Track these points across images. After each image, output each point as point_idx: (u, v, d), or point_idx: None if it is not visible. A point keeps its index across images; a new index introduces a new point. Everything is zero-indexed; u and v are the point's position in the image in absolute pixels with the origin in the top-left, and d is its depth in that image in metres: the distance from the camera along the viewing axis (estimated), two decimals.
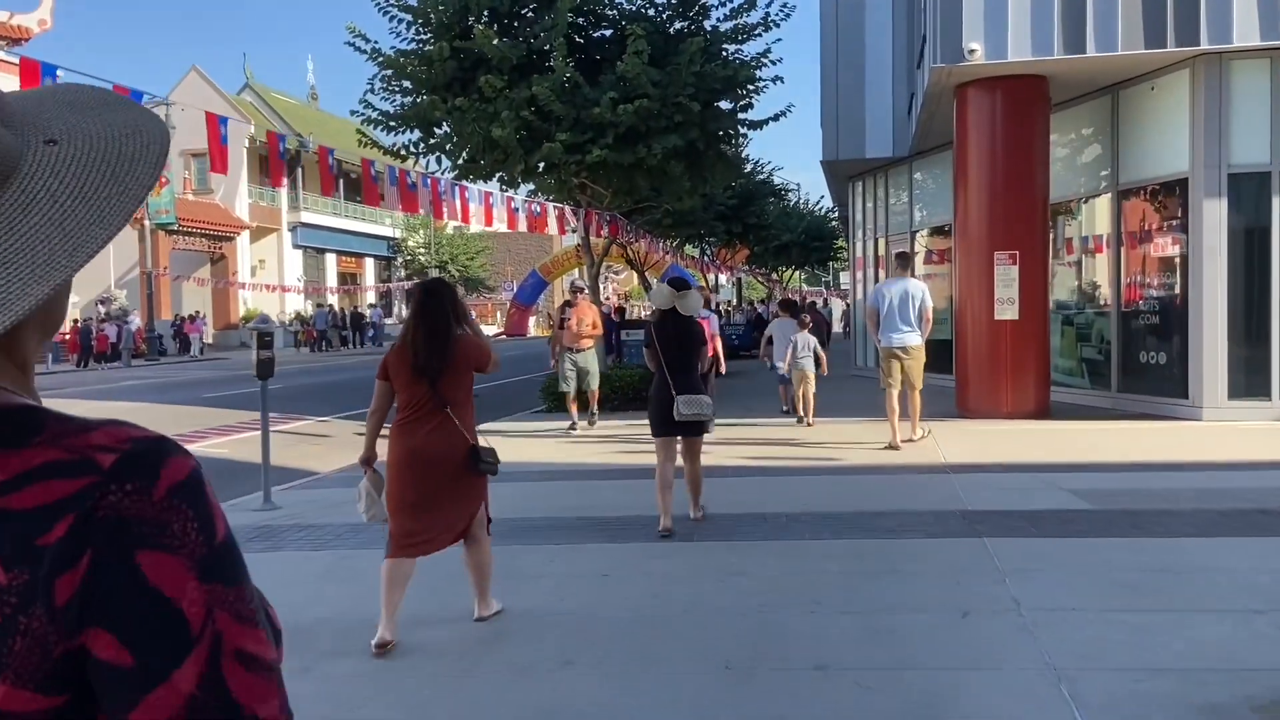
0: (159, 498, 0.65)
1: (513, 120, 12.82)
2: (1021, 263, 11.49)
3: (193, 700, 0.63)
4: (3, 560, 0.62)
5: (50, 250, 0.65)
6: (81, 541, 0.63)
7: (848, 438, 10.30)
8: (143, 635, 0.63)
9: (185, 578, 0.65)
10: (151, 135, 0.74)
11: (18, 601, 0.62)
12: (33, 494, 0.64)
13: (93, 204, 0.68)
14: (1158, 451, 8.85)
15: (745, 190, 25.61)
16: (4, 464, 0.65)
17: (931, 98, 12.42)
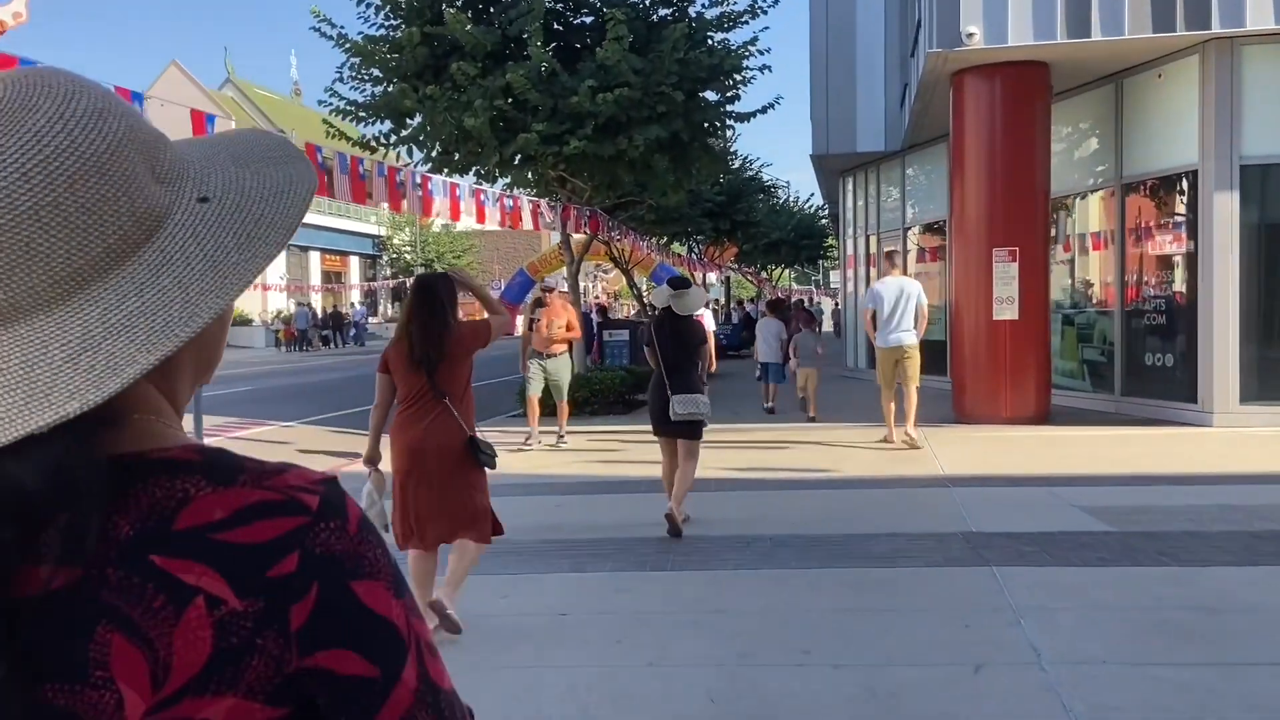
0: (353, 533, 0.74)
1: (486, 110, 12.17)
2: (1021, 260, 10.89)
3: (418, 692, 0.74)
4: (234, 589, 0.69)
5: (169, 317, 0.68)
6: (308, 574, 0.71)
7: (840, 443, 9.69)
8: (377, 649, 0.73)
9: (389, 597, 0.74)
10: (295, 198, 0.77)
11: (253, 625, 0.69)
12: (254, 530, 0.70)
13: (220, 270, 0.71)
14: (1170, 461, 8.26)
15: (733, 186, 24.99)
16: (221, 502, 0.71)
17: (926, 87, 11.82)
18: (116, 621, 0.67)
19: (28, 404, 0.64)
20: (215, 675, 0.68)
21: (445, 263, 49.63)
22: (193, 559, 0.68)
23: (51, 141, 0.66)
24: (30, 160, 0.65)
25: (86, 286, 0.68)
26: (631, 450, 9.75)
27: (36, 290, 0.66)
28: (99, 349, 0.66)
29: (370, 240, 50.55)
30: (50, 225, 0.65)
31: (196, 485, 0.71)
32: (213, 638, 0.68)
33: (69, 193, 0.66)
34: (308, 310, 38.16)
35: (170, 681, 0.67)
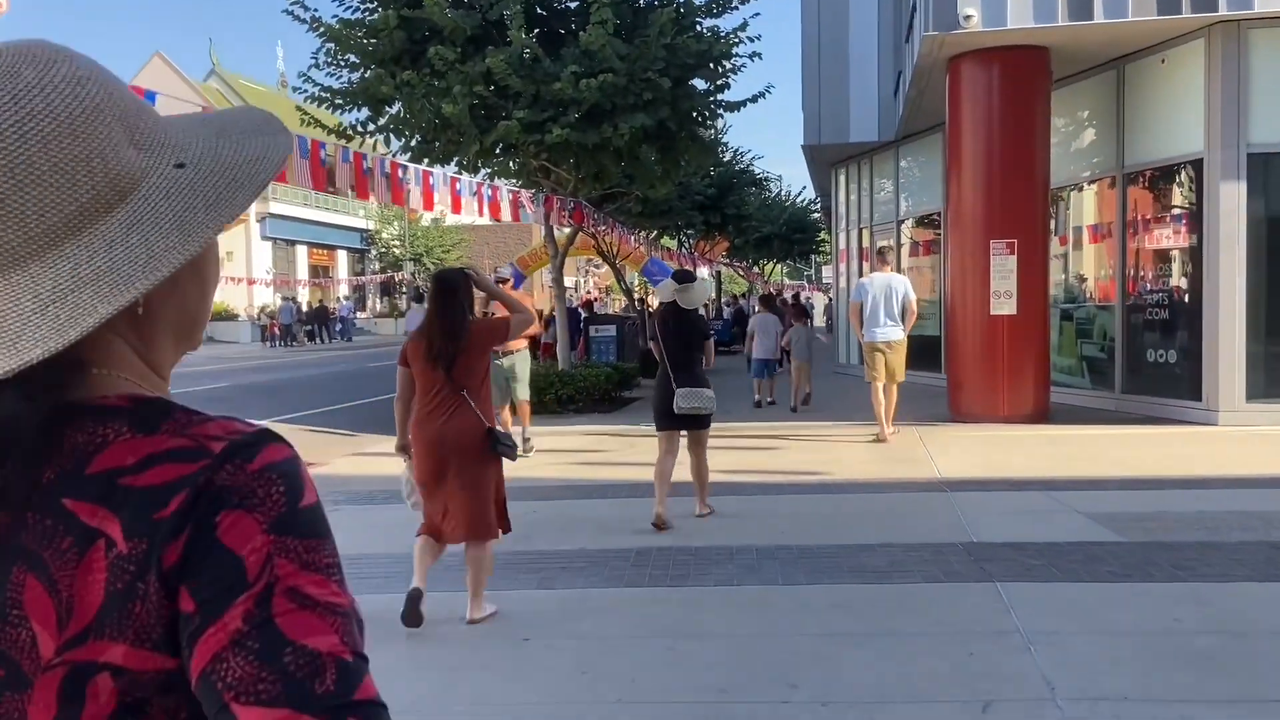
0: (253, 470, 0.71)
1: (465, 97, 11.73)
2: (1020, 252, 10.49)
3: (237, 634, 0.67)
4: (125, 531, 0.69)
5: (131, 271, 0.71)
6: (187, 513, 0.70)
7: (831, 441, 9.29)
8: (206, 584, 0.69)
9: (254, 532, 0.70)
10: (266, 163, 0.79)
11: (135, 569, 0.69)
12: (155, 474, 0.71)
13: (186, 228, 0.73)
14: (1177, 462, 7.86)
15: (724, 179, 24.56)
16: (135, 448, 0.72)
17: (921, 73, 11.40)
18: (29, 562, 0.70)
19: (78, 298, 0.69)
20: (108, 619, 0.69)
21: (434, 258, 49.12)
22: (97, 502, 0.70)
23: (28, 104, 0.69)
24: (5, 121, 0.68)
25: (60, 244, 0.71)
26: (615, 451, 9.33)
27: (11, 245, 0.70)
28: (65, 300, 0.69)
29: (359, 234, 49.99)
30: (24, 183, 0.69)
31: (117, 431, 0.73)
32: (105, 580, 0.69)
33: (42, 153, 0.69)
34: (292, 305, 37.62)
35: (73, 622, 0.69)
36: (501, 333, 4.48)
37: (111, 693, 0.69)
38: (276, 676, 0.66)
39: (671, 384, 6.11)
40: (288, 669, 0.66)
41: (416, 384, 4.38)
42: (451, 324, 4.24)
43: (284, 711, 0.65)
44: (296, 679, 0.66)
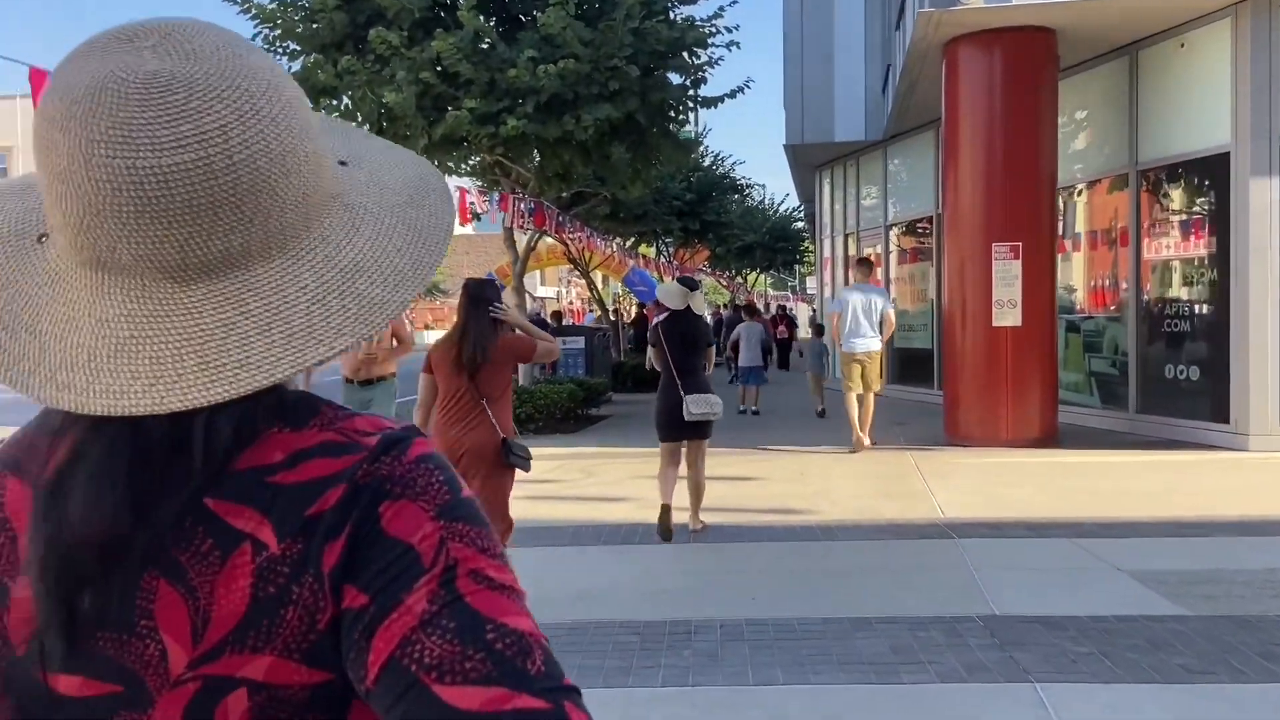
0: (409, 461, 0.69)
1: (411, 84, 10.59)
2: (1025, 256, 9.42)
3: (426, 615, 0.62)
4: (276, 533, 0.65)
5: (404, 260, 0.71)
6: (348, 509, 0.66)
7: (818, 464, 8.15)
8: (376, 576, 0.64)
9: (422, 519, 0.66)
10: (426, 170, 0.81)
11: (289, 572, 0.64)
12: (307, 469, 0.67)
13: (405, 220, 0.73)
14: (1217, 499, 6.77)
15: (703, 184, 23.46)
16: (284, 443, 0.68)
17: (914, 59, 10.33)
18: (163, 567, 0.65)
19: (290, 346, 0.64)
20: (253, 629, 0.64)
21: None
22: (244, 502, 0.66)
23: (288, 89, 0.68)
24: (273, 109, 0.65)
25: (301, 233, 0.68)
26: (569, 482, 8.17)
27: (270, 235, 0.66)
28: (337, 295, 0.67)
29: None
30: (285, 164, 0.66)
31: (263, 426, 0.69)
32: (251, 587, 0.64)
33: (304, 142, 0.68)
34: None
35: (210, 632, 0.64)
36: (526, 351, 4.55)
37: (244, 712, 0.64)
38: (484, 655, 0.61)
39: (679, 391, 5.99)
40: (493, 647, 0.61)
41: (439, 390, 4.42)
42: (481, 333, 4.29)
43: (499, 690, 0.59)
44: (505, 657, 0.61)
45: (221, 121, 0.63)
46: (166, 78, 0.62)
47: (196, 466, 0.66)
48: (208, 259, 0.64)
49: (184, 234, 0.63)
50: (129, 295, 0.64)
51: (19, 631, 0.66)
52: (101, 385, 0.63)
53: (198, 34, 0.66)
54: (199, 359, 0.63)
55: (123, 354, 0.64)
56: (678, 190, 21.44)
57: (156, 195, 0.62)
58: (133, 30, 0.65)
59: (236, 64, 0.65)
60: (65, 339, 0.65)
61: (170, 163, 0.61)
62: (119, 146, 0.61)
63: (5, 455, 0.72)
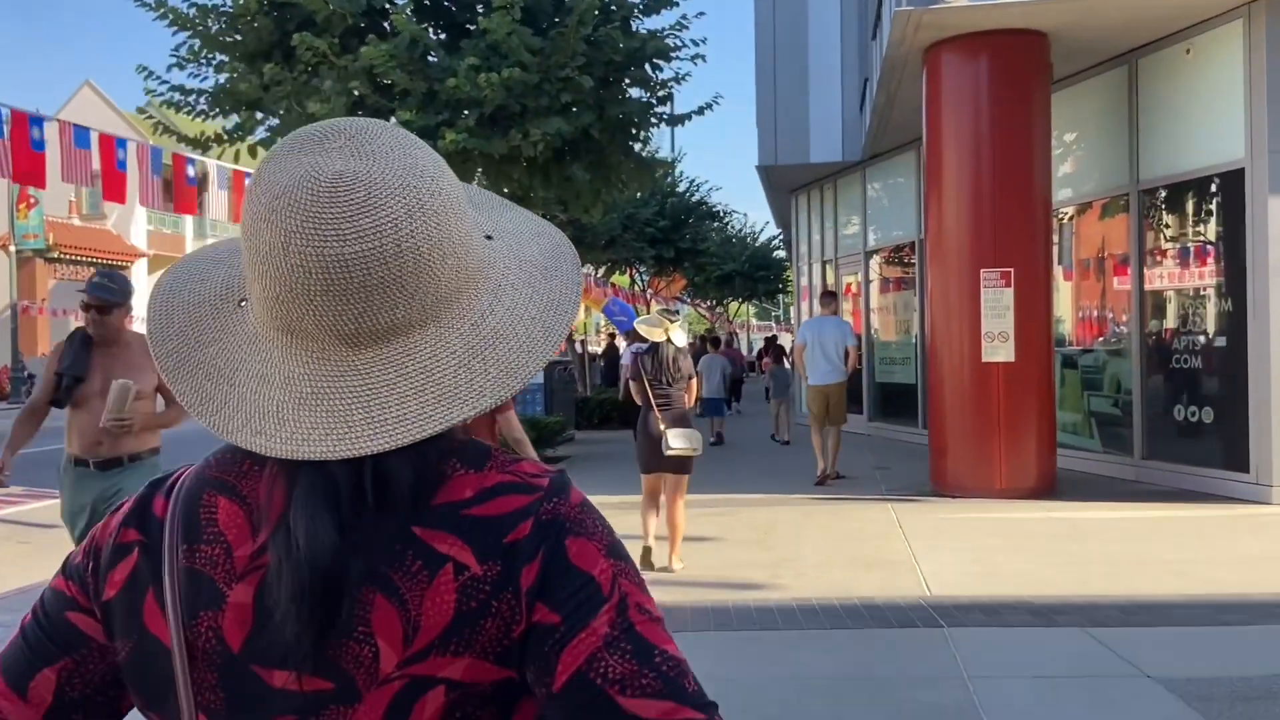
0: (575, 504, 0.82)
1: (340, 94, 9.59)
2: (1017, 284, 8.44)
3: (609, 638, 0.75)
4: (477, 555, 0.77)
5: (535, 329, 0.83)
6: (539, 539, 0.78)
7: (784, 530, 7.08)
8: (567, 599, 0.77)
9: (598, 556, 0.79)
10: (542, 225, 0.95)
11: (490, 589, 0.77)
12: (497, 505, 0.80)
13: (535, 289, 0.85)
14: (1251, 569, 5.75)
15: (677, 210, 22.53)
16: (470, 483, 0.81)
17: (892, 67, 9.40)
18: (379, 583, 0.77)
19: (440, 404, 0.77)
20: (456, 635, 0.76)
21: None
22: (446, 530, 0.78)
23: (445, 179, 0.81)
24: (436, 201, 0.79)
25: (452, 304, 0.80)
26: None
27: (428, 307, 0.79)
28: (480, 359, 0.80)
29: None
30: (443, 248, 0.79)
31: (453, 467, 0.81)
32: (455, 600, 0.76)
33: (458, 226, 0.81)
34: None
35: (419, 638, 0.76)
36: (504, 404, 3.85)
37: (440, 708, 0.76)
38: (655, 675, 0.74)
39: (659, 425, 5.97)
40: (661, 669, 0.75)
41: None
42: None
43: (669, 704, 0.73)
44: (670, 677, 0.75)
45: (394, 216, 0.76)
46: (350, 177, 0.76)
47: (400, 501, 0.79)
48: (376, 328, 0.78)
49: (359, 308, 0.77)
50: (312, 357, 0.79)
51: (235, 632, 0.79)
52: (286, 433, 0.77)
53: (377, 135, 0.80)
54: (365, 414, 0.77)
55: (304, 408, 0.78)
56: (649, 216, 20.47)
57: (339, 277, 0.76)
58: (324, 131, 0.80)
59: (407, 163, 0.79)
60: (259, 392, 0.79)
61: (352, 251, 0.75)
62: (311, 237, 0.75)
63: (211, 477, 0.84)
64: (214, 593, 0.79)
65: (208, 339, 0.82)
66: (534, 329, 0.82)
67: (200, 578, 0.80)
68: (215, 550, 0.80)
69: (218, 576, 0.79)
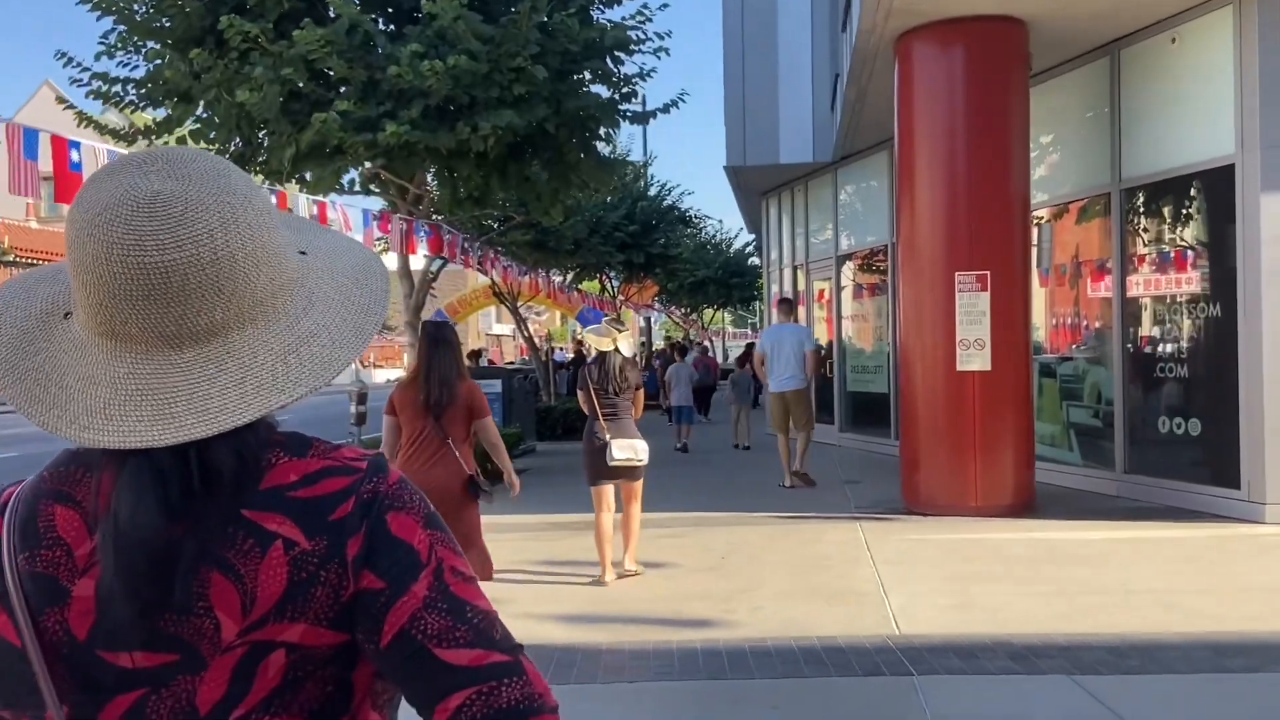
0: (393, 482, 0.93)
1: (273, 82, 8.94)
2: (994, 288, 7.90)
3: (427, 599, 0.88)
4: (305, 531, 0.88)
5: (345, 329, 0.94)
6: (362, 514, 0.90)
7: (744, 554, 6.49)
8: (390, 566, 0.89)
9: (416, 527, 0.91)
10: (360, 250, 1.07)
11: (318, 561, 0.87)
12: (321, 486, 0.90)
13: (348, 298, 0.97)
14: (1251, 601, 5.21)
15: (647, 214, 21.91)
16: (294, 469, 0.91)
17: (863, 59, 8.86)
18: (214, 561, 0.86)
19: (258, 393, 0.87)
20: (290, 604, 0.86)
21: None
22: (274, 511, 0.88)
23: (259, 198, 0.92)
24: (251, 214, 0.89)
25: (268, 313, 0.90)
26: None
27: (243, 310, 0.88)
28: (300, 352, 0.90)
29: None
30: (256, 258, 0.89)
31: (278, 456, 0.91)
32: (288, 573, 0.86)
33: (271, 240, 0.91)
34: None
35: (256, 609, 0.85)
36: (483, 406, 4.63)
37: (281, 667, 0.87)
38: (468, 628, 0.88)
39: (604, 435, 5.95)
40: (472, 622, 0.88)
41: (404, 431, 4.53)
42: (445, 375, 4.48)
43: (478, 651, 0.87)
44: (481, 629, 0.88)
45: (209, 228, 0.86)
46: (168, 195, 0.86)
47: (226, 485, 0.87)
48: (197, 329, 0.87)
49: (179, 311, 0.86)
50: (136, 358, 0.87)
51: (80, 623, 0.87)
52: (113, 427, 0.85)
53: (192, 160, 0.90)
54: (188, 405, 0.85)
55: (131, 403, 0.86)
56: (618, 220, 19.87)
57: (159, 283, 0.85)
58: (143, 157, 0.90)
59: (221, 183, 0.88)
60: (86, 391, 0.87)
61: (170, 259, 0.84)
62: (132, 248, 0.84)
63: (48, 489, 0.92)
64: (58, 590, 0.87)
65: (35, 348, 0.91)
66: (345, 329, 0.94)
67: (43, 579, 0.87)
68: (56, 553, 0.88)
69: (60, 575, 0.87)
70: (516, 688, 0.86)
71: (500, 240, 15.04)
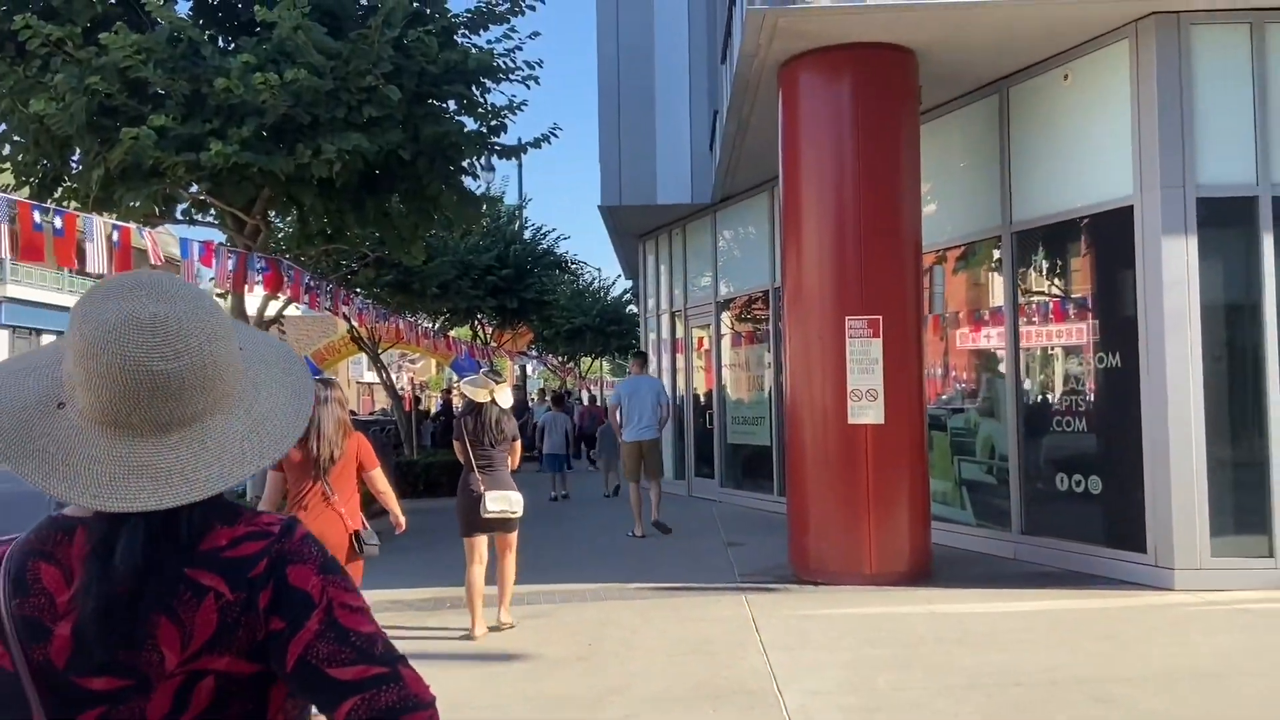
0: (297, 539, 1.19)
1: (79, 93, 7.73)
2: (887, 335, 7.29)
3: (318, 632, 1.12)
4: (230, 586, 1.12)
5: (285, 416, 1.22)
6: (270, 572, 1.15)
7: (615, 638, 5.56)
8: (289, 609, 1.13)
9: (310, 575, 1.16)
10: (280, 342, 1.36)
11: (239, 610, 1.12)
12: (243, 549, 1.15)
13: (286, 388, 1.25)
14: (1174, 689, 4.58)
15: (520, 258, 20.99)
16: (225, 534, 1.16)
17: (745, 86, 8.24)
18: (163, 608, 1.10)
19: (232, 466, 1.14)
20: (218, 642, 1.11)
21: None
22: (208, 569, 1.13)
23: (224, 316, 1.18)
24: (224, 327, 1.17)
25: (231, 401, 1.16)
26: None
27: (215, 401, 1.14)
28: (259, 432, 1.17)
29: None
30: (228, 360, 1.16)
31: (213, 523, 1.16)
32: (217, 619, 1.11)
33: (233, 345, 1.18)
34: None
35: (192, 645, 1.10)
36: (372, 458, 4.79)
37: (211, 690, 1.12)
38: (351, 649, 1.12)
39: (480, 486, 5.97)
40: (355, 644, 1.12)
41: (289, 487, 4.59)
42: (332, 432, 4.52)
43: (360, 667, 1.11)
44: (362, 649, 1.12)
45: (200, 341, 1.12)
46: (164, 316, 1.11)
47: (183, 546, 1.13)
48: (184, 418, 1.12)
49: (173, 405, 1.11)
50: (134, 441, 1.11)
51: (59, 655, 1.10)
52: (118, 494, 1.09)
53: (170, 284, 1.15)
54: (181, 477, 1.11)
55: (134, 476, 1.10)
56: (489, 262, 18.89)
57: (162, 385, 1.10)
58: (130, 283, 1.13)
59: (198, 304, 1.14)
60: (91, 469, 1.10)
61: (172, 367, 1.10)
62: (143, 360, 1.09)
63: (34, 549, 1.15)
64: (43, 630, 1.11)
65: (38, 434, 1.11)
66: (289, 409, 1.21)
67: (32, 620, 1.11)
68: (41, 600, 1.11)
69: (45, 618, 1.11)
70: (393, 692, 1.11)
71: (357, 281, 13.88)
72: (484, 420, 6.09)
